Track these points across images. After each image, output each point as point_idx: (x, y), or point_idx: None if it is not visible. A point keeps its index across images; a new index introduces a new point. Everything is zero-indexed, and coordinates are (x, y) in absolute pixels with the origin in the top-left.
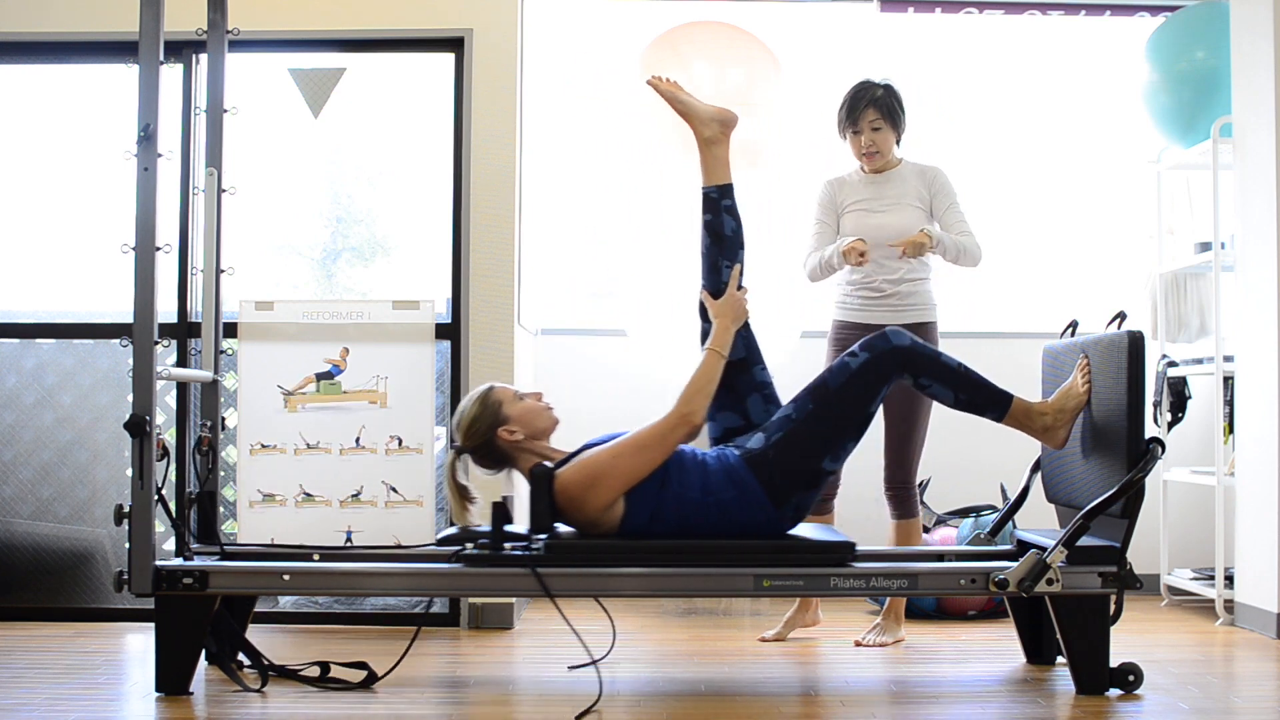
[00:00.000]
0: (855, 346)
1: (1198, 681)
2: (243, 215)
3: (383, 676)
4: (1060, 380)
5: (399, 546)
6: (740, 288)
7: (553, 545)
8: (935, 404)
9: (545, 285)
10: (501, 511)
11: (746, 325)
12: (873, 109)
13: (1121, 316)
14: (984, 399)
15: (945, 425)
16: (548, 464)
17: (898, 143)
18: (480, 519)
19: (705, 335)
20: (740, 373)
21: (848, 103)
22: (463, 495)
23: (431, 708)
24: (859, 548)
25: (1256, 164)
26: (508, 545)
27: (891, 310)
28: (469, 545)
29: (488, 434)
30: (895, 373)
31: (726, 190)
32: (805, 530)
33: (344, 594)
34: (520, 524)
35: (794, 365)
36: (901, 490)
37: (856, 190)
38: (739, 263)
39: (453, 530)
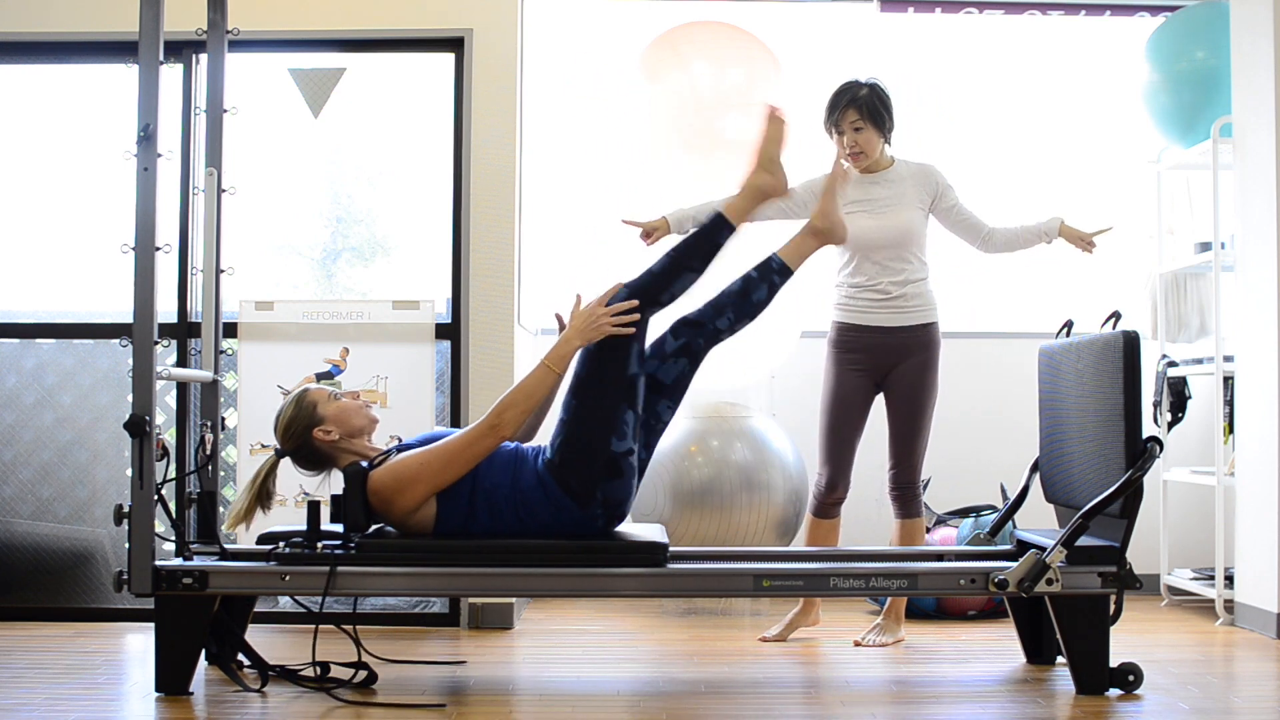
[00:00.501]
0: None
1: (1198, 681)
2: (243, 215)
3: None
4: (1058, 382)
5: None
6: (611, 304)
7: (363, 544)
8: (937, 404)
9: (545, 285)
10: (315, 511)
11: (686, 362)
12: (853, 109)
13: (1116, 316)
14: (705, 242)
15: (945, 425)
16: (363, 464)
17: (887, 142)
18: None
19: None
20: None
21: (830, 102)
22: (261, 499)
23: (431, 708)
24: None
25: (1256, 164)
26: (320, 545)
27: (896, 312)
28: (282, 544)
29: (304, 435)
30: (638, 326)
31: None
32: (629, 529)
33: (344, 594)
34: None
35: (794, 365)
36: (907, 490)
37: (852, 191)
38: (671, 299)
39: (273, 529)
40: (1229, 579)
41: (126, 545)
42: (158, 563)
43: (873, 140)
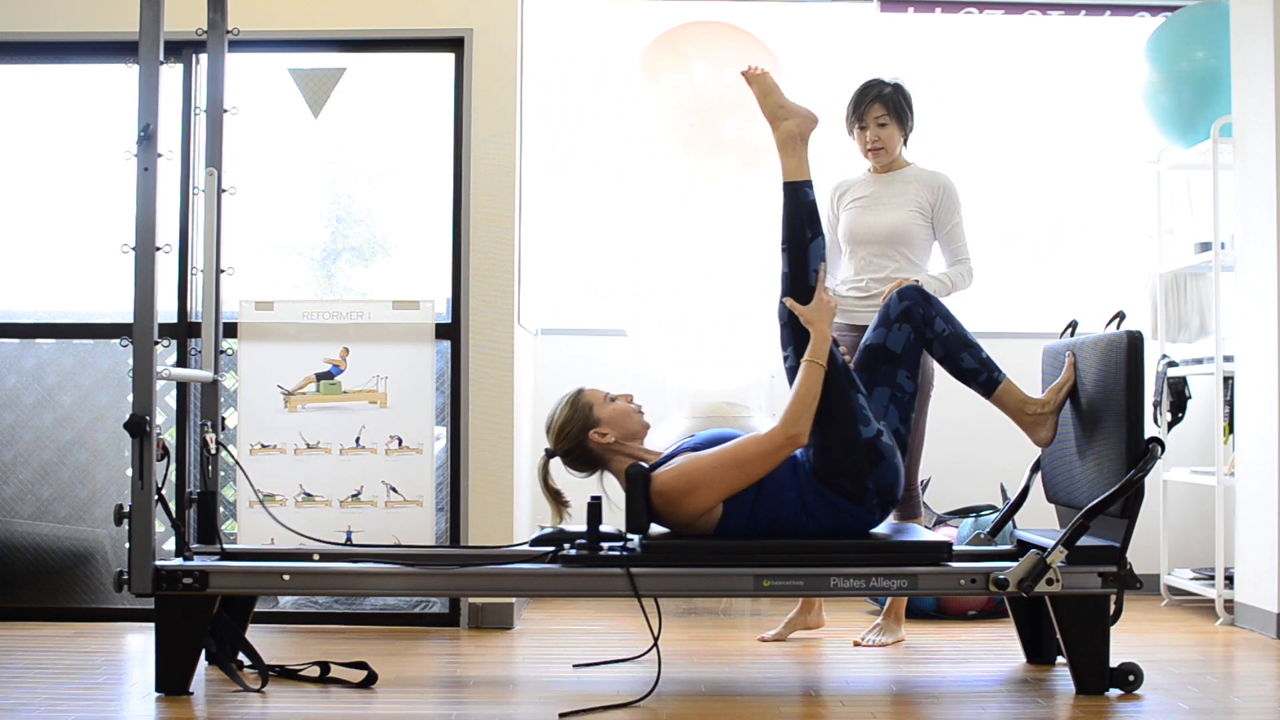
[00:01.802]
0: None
1: (1198, 681)
2: (243, 215)
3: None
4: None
5: (492, 547)
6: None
7: (649, 545)
8: (932, 407)
9: (545, 285)
10: (596, 512)
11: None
12: (879, 104)
13: (1120, 316)
14: (799, 211)
15: (945, 425)
16: (644, 465)
17: (905, 143)
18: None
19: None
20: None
21: (855, 98)
22: (557, 498)
23: (431, 708)
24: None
25: (1256, 164)
26: (604, 545)
27: (877, 310)
28: (566, 545)
29: (579, 437)
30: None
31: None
32: (904, 531)
33: (344, 594)
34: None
35: None
36: (905, 491)
37: (859, 188)
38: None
39: (547, 530)
40: (1229, 579)
41: (126, 545)
42: (158, 563)
43: (894, 137)
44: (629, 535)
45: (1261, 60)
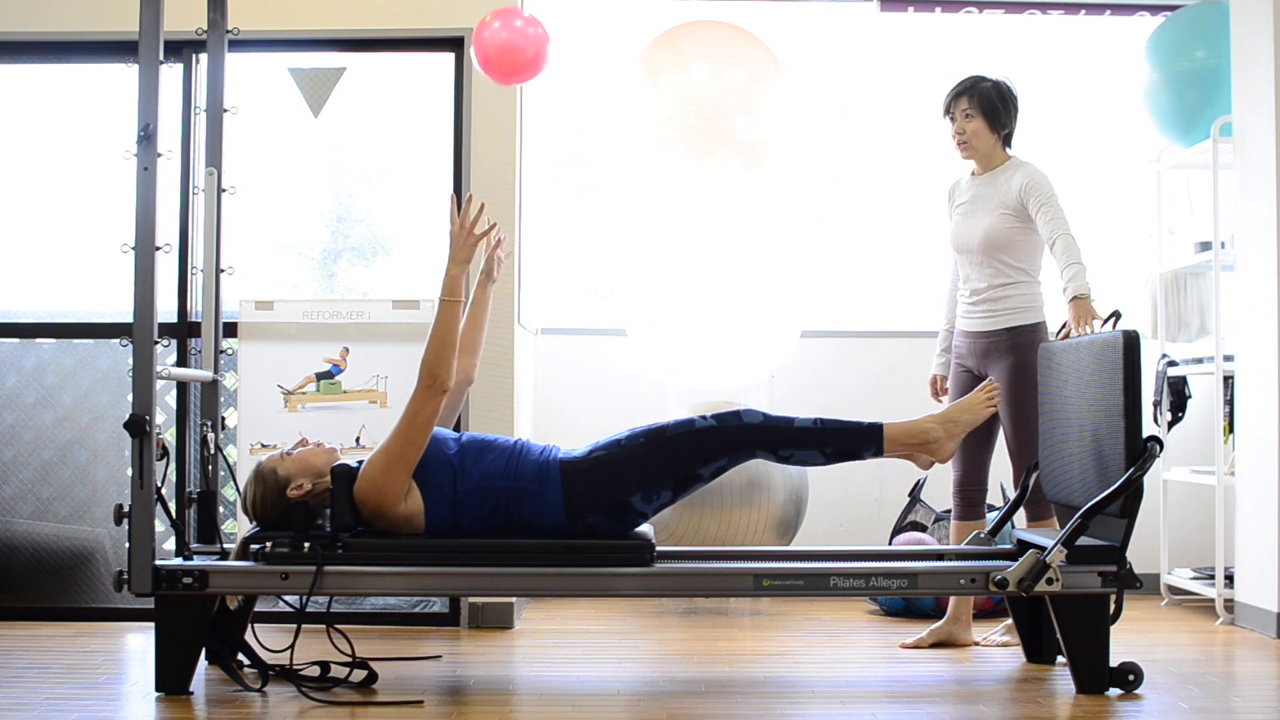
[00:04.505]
0: (710, 413)
1: (1198, 681)
2: (243, 215)
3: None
4: (1054, 381)
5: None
6: (477, 222)
7: (350, 544)
8: (933, 407)
9: (545, 285)
10: (303, 510)
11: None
12: (967, 97)
13: (1116, 316)
14: (853, 442)
15: None
16: (349, 464)
17: (1004, 142)
18: None
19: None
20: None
21: (951, 90)
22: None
23: (431, 708)
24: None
25: (1256, 163)
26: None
27: (985, 316)
28: (269, 545)
29: (282, 501)
30: (743, 449)
31: None
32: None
33: (344, 594)
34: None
35: (794, 365)
36: (1034, 492)
37: (964, 192)
38: (764, 424)
39: (256, 530)
40: (1229, 578)
41: (126, 545)
42: (158, 562)
43: (981, 132)
44: (340, 534)
45: (1262, 59)
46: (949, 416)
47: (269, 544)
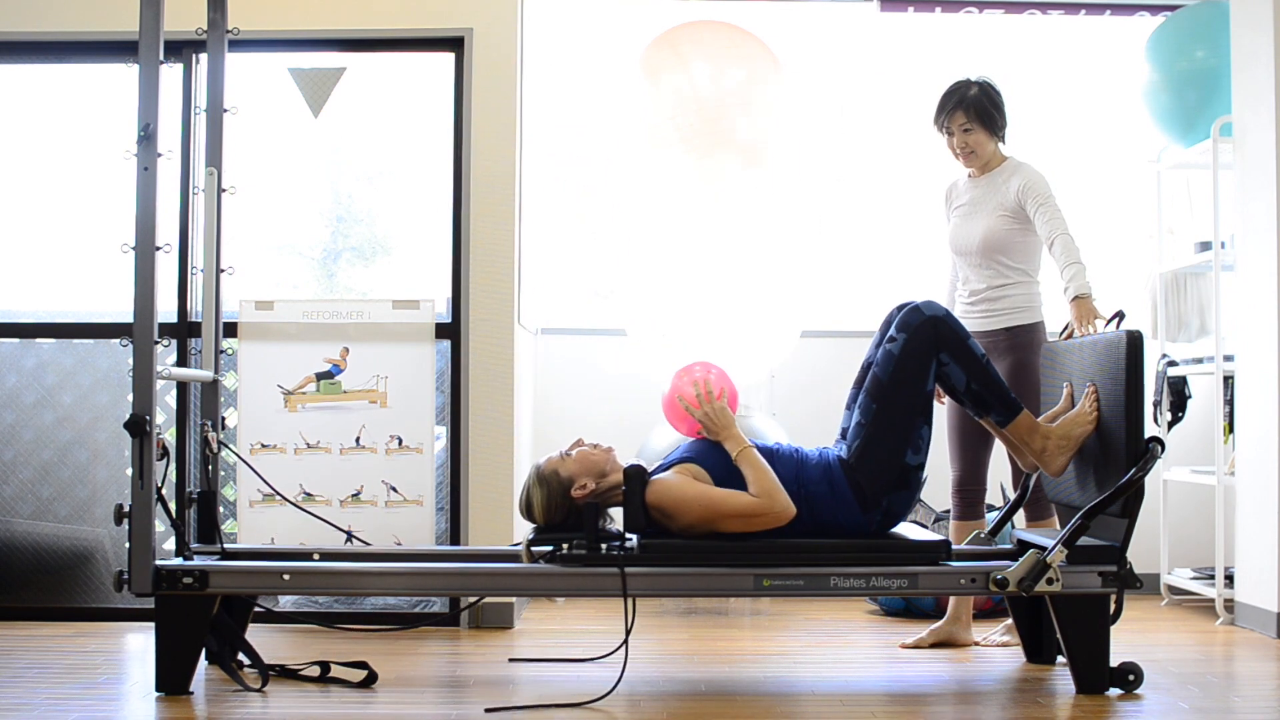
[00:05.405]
0: (892, 329)
1: (1198, 681)
2: (243, 215)
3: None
4: (1057, 381)
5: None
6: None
7: (646, 545)
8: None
9: (545, 285)
10: (593, 511)
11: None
12: (961, 111)
13: (1120, 316)
14: (994, 397)
15: (946, 425)
16: (642, 465)
17: (1002, 140)
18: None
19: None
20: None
21: (939, 104)
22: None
23: (431, 708)
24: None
25: (1256, 163)
26: (603, 545)
27: (984, 316)
28: (564, 545)
29: (566, 502)
30: (930, 349)
31: None
32: (903, 530)
33: (344, 594)
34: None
35: (794, 365)
36: (1034, 492)
37: (962, 194)
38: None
39: (537, 532)
40: (1229, 578)
41: (126, 545)
42: (158, 562)
43: (982, 141)
44: (628, 535)
45: (1262, 59)
46: (1064, 431)
47: (566, 546)
